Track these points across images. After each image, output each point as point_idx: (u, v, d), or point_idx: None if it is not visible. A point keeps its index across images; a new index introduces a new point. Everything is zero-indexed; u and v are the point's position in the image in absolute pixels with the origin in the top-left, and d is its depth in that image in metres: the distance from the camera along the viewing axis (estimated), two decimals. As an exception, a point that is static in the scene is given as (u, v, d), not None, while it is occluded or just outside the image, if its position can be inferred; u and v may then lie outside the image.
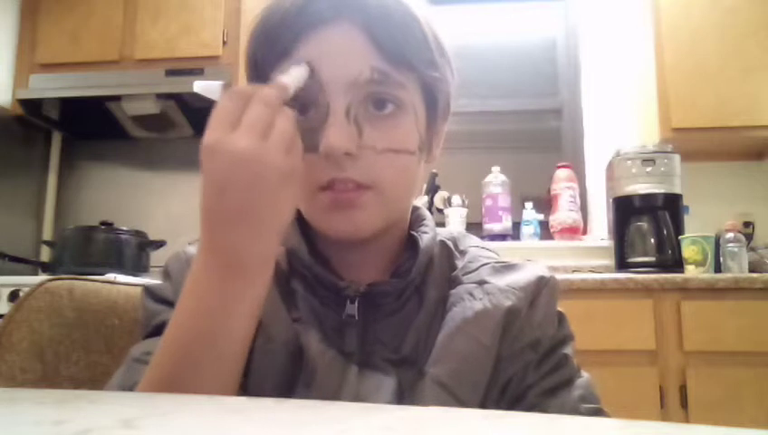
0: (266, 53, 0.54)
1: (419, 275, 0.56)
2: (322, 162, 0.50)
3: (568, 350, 0.58)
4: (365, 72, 0.50)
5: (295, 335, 0.53)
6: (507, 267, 0.59)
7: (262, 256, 0.45)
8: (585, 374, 0.58)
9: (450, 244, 0.61)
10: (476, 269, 0.59)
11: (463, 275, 0.58)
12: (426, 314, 0.56)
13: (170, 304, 0.54)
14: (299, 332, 0.53)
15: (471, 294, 0.56)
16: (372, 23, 0.51)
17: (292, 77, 0.48)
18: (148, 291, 0.57)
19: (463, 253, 0.61)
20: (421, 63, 0.53)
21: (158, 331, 0.52)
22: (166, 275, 0.58)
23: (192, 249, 0.57)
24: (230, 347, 0.45)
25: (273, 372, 0.52)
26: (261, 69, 0.54)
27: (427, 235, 0.57)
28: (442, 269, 0.59)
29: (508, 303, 0.55)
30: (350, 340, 0.53)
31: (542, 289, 0.57)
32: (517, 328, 0.55)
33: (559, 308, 0.60)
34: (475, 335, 0.54)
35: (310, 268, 0.55)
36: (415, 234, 0.58)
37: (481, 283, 0.57)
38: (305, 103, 0.51)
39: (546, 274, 0.59)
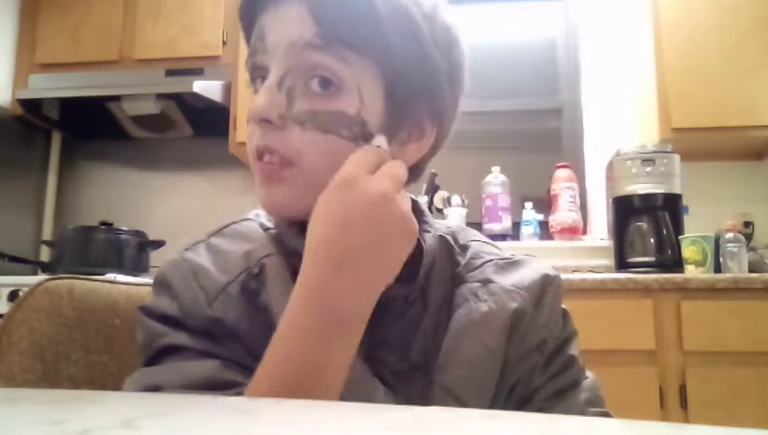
0: (242, 25, 0.56)
1: (422, 278, 0.54)
2: (257, 131, 0.50)
3: (573, 349, 0.57)
4: (306, 35, 0.49)
5: None
6: (511, 264, 0.58)
7: (364, 312, 0.45)
8: (590, 374, 0.58)
9: (450, 238, 0.60)
10: (480, 267, 0.57)
11: (466, 272, 0.57)
12: (431, 316, 0.55)
13: (172, 321, 0.51)
14: None
15: (476, 295, 0.55)
16: (316, 1, 0.50)
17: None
18: (146, 310, 0.53)
19: (464, 248, 0.60)
20: (363, 42, 0.50)
21: (161, 354, 0.50)
22: (164, 286, 0.53)
23: (190, 255, 0.54)
24: (324, 396, 0.44)
25: None
26: (246, 38, 0.56)
27: (429, 233, 0.56)
28: (443, 267, 0.58)
29: (514, 304, 0.54)
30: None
31: (547, 288, 0.56)
32: (523, 330, 0.54)
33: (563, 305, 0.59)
34: (481, 339, 0.53)
35: None
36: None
37: (485, 282, 0.56)
38: (264, 76, 0.51)
39: (551, 272, 0.58)
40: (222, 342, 0.50)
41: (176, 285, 0.52)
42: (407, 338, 0.54)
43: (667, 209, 2.03)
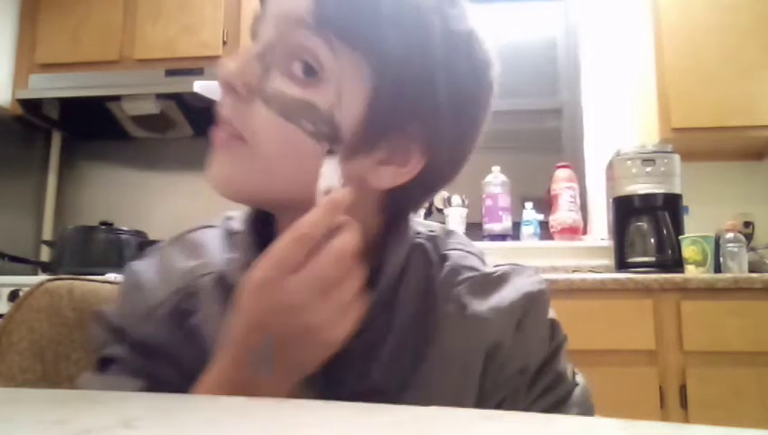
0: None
1: (388, 291, 0.50)
2: (226, 101, 0.47)
3: (560, 364, 0.54)
4: (299, 10, 0.45)
5: None
6: (491, 282, 0.53)
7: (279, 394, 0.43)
8: (580, 381, 0.55)
9: (429, 246, 0.55)
10: (457, 285, 0.52)
11: (441, 289, 0.52)
12: (397, 334, 0.50)
13: (116, 331, 0.52)
14: None
15: (449, 322, 0.51)
16: None
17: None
18: (97, 315, 0.54)
19: (443, 258, 0.54)
20: (355, 34, 0.45)
21: (102, 365, 0.51)
22: (119, 293, 0.54)
23: (142, 266, 0.55)
24: None
25: None
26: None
27: (400, 246, 0.51)
28: (417, 280, 0.52)
29: (491, 337, 0.50)
30: None
31: (529, 310, 0.52)
32: (501, 360, 0.51)
33: (551, 314, 0.55)
34: (453, 371, 0.50)
35: None
36: (384, 243, 0.51)
37: (461, 308, 0.51)
38: None
39: (534, 287, 0.53)
40: (154, 359, 0.50)
41: (122, 296, 0.54)
42: (369, 356, 0.50)
43: (667, 209, 2.03)
